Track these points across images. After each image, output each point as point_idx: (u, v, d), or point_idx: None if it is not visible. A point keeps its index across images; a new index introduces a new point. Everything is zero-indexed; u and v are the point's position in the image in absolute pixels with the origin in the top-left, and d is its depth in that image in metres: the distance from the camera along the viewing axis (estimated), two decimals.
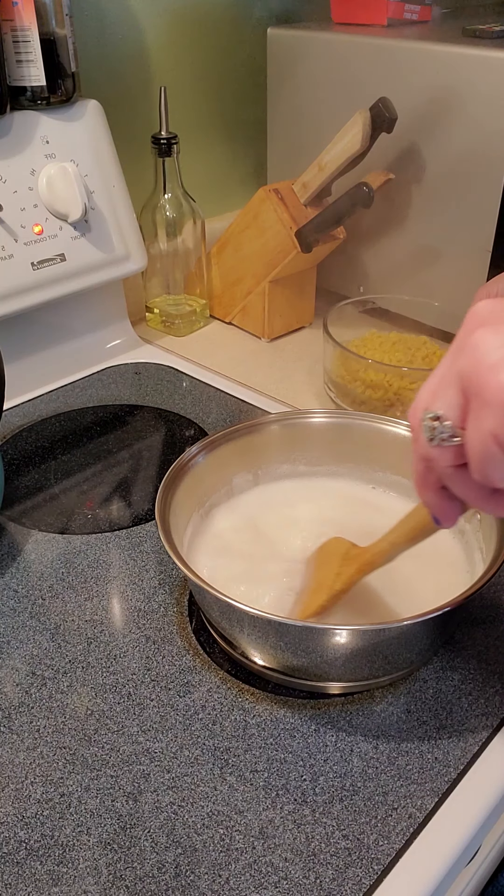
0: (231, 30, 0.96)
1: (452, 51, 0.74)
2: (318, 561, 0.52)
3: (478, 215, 0.77)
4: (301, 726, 0.47)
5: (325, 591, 0.48)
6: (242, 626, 0.47)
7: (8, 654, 0.52)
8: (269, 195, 0.83)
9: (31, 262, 0.75)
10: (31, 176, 0.75)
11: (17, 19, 0.69)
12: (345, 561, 0.49)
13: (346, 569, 0.48)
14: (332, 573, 0.49)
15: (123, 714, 0.48)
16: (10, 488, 0.68)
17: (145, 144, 0.86)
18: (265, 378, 0.85)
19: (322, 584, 0.49)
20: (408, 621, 0.43)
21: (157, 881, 0.39)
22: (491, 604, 0.55)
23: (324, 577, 0.49)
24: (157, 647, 0.52)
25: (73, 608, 0.55)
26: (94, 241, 0.80)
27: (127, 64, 0.88)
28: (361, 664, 0.46)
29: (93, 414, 0.79)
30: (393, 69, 0.79)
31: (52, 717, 0.48)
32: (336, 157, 0.78)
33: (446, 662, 0.51)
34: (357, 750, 0.46)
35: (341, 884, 0.39)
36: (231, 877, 0.40)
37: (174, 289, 0.94)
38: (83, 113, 0.78)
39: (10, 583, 0.58)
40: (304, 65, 0.87)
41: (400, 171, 0.82)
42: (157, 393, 0.83)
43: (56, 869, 0.40)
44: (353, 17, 0.87)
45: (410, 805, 0.43)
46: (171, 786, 0.44)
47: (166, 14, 0.89)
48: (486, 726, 0.47)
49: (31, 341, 0.83)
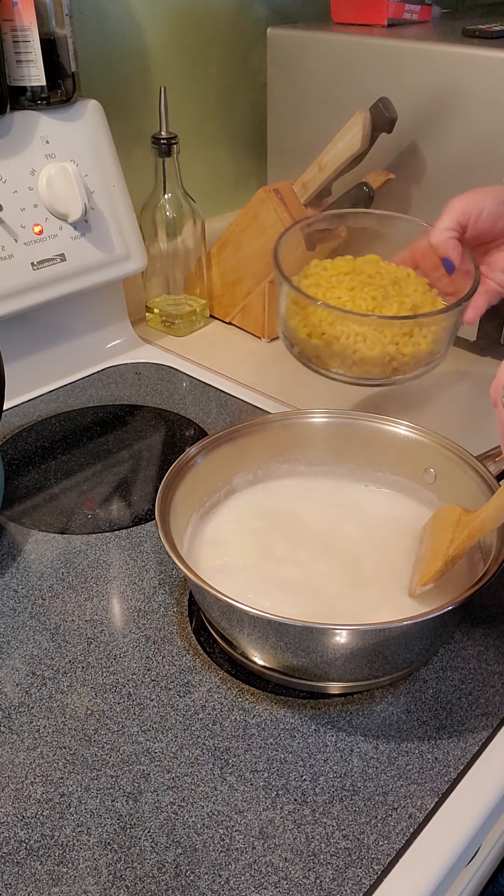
0: (231, 30, 0.96)
1: (452, 51, 0.74)
2: (432, 529, 0.53)
3: None
4: (301, 726, 0.47)
5: (441, 557, 0.49)
6: (242, 626, 0.47)
7: (8, 654, 0.52)
8: (270, 195, 0.83)
9: (31, 262, 0.75)
10: (31, 176, 0.75)
11: (17, 19, 0.69)
12: (457, 527, 0.50)
13: (459, 534, 0.49)
14: (447, 539, 0.50)
15: (123, 714, 0.48)
16: (10, 488, 0.68)
17: (145, 144, 0.86)
18: (265, 378, 0.85)
19: (438, 551, 0.50)
20: (408, 621, 0.43)
21: (157, 881, 0.39)
22: (491, 604, 0.55)
23: (439, 545, 0.50)
24: (157, 647, 0.52)
25: (73, 608, 0.55)
26: (94, 241, 0.80)
27: (127, 64, 0.88)
28: (361, 664, 0.46)
29: (93, 414, 0.79)
30: (393, 69, 0.79)
31: (52, 717, 0.48)
32: (336, 157, 0.78)
33: (446, 662, 0.51)
34: (357, 750, 0.46)
35: (341, 884, 0.39)
36: (231, 877, 0.40)
37: (174, 289, 0.94)
38: (83, 113, 0.78)
39: (10, 583, 0.58)
40: (304, 65, 0.87)
41: (400, 171, 0.82)
42: (157, 393, 0.83)
43: (56, 869, 0.40)
44: (353, 17, 0.88)
45: (410, 805, 0.43)
46: (171, 786, 0.44)
47: (166, 14, 0.89)
48: (486, 726, 0.47)
49: (31, 341, 0.83)
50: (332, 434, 0.60)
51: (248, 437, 0.59)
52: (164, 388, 0.83)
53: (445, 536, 0.50)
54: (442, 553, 0.49)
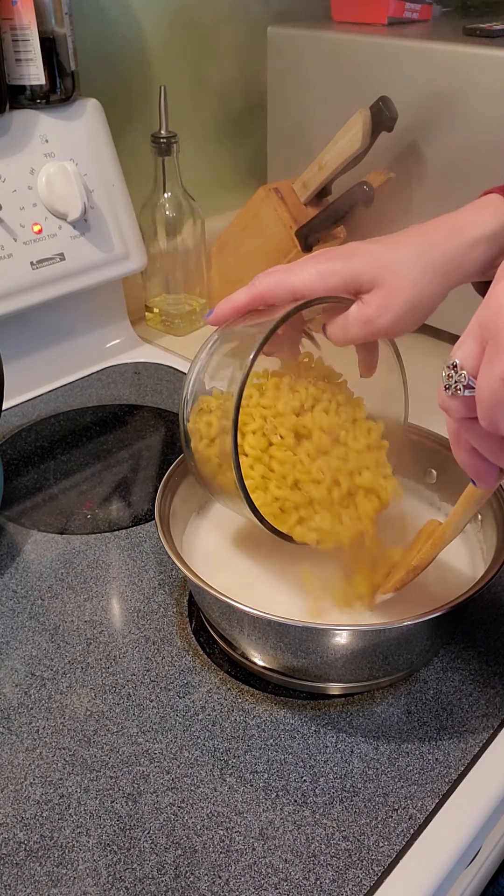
0: (231, 29, 0.96)
1: (453, 50, 0.74)
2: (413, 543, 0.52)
3: None
4: (301, 727, 0.47)
5: (404, 566, 0.49)
6: (242, 627, 0.47)
7: (7, 654, 0.52)
8: (270, 194, 0.83)
9: (31, 261, 0.75)
10: (31, 175, 0.75)
11: (16, 18, 0.69)
12: (427, 538, 0.49)
13: (425, 545, 0.49)
14: (416, 551, 0.49)
15: (123, 715, 0.48)
16: (10, 488, 0.68)
17: (145, 144, 0.86)
18: None
19: (406, 561, 0.50)
20: (408, 622, 0.43)
21: (157, 882, 0.39)
22: (491, 604, 0.55)
23: (410, 556, 0.50)
24: (157, 648, 0.52)
25: (73, 608, 0.55)
26: (93, 240, 0.80)
27: (127, 63, 0.88)
28: (362, 665, 0.46)
29: (92, 414, 0.79)
30: (393, 68, 0.79)
31: (52, 718, 0.48)
32: (336, 156, 0.78)
33: (446, 663, 0.51)
34: (357, 751, 0.46)
35: (341, 885, 0.39)
36: (231, 878, 0.39)
37: (174, 288, 0.94)
38: (83, 112, 0.78)
39: (10, 583, 0.58)
40: (304, 64, 0.87)
41: (400, 170, 0.82)
42: (157, 393, 0.82)
43: (55, 870, 0.40)
44: (354, 16, 0.87)
45: (411, 806, 0.43)
46: (171, 787, 0.44)
47: (166, 14, 0.89)
48: (486, 727, 0.47)
49: (31, 341, 0.83)
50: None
51: None
52: (163, 388, 0.83)
53: (417, 548, 0.50)
54: (406, 562, 0.49)
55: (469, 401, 0.32)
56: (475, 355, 0.32)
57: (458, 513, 0.46)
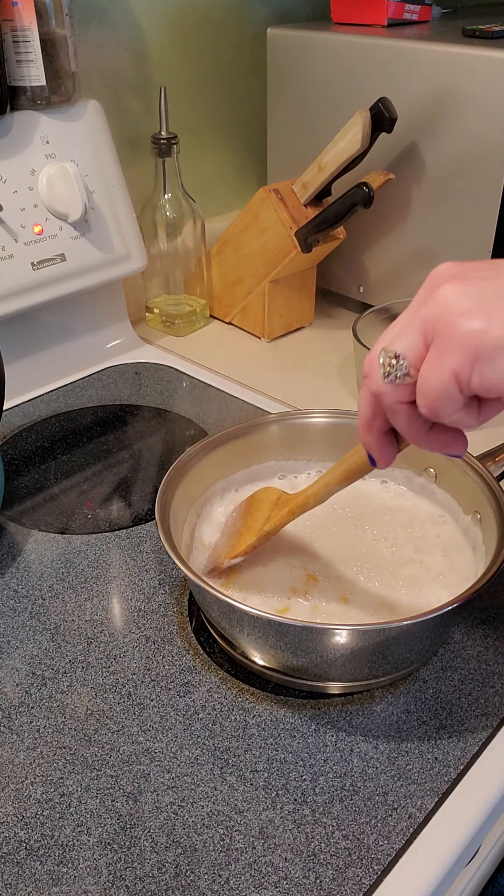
0: (231, 30, 0.96)
1: (452, 51, 0.74)
2: (246, 509, 0.54)
3: (478, 215, 0.77)
4: (301, 726, 0.47)
5: (255, 533, 0.51)
6: (242, 626, 0.47)
7: (8, 654, 0.52)
8: (269, 195, 0.83)
9: (31, 262, 0.75)
10: (31, 176, 0.75)
11: (17, 19, 0.69)
12: (276, 506, 0.52)
13: (277, 512, 0.51)
14: (262, 518, 0.51)
15: (123, 714, 0.48)
16: (10, 488, 0.68)
17: (145, 144, 0.86)
18: (265, 378, 0.85)
19: (251, 528, 0.51)
20: (408, 621, 0.43)
21: (157, 881, 0.39)
22: (491, 604, 0.55)
23: (253, 522, 0.51)
24: (157, 647, 0.52)
25: (73, 608, 0.55)
26: (94, 241, 0.80)
27: (127, 64, 0.88)
28: (361, 664, 0.46)
29: (93, 414, 0.79)
30: (393, 69, 0.79)
31: (52, 717, 0.48)
32: (336, 157, 0.78)
33: (446, 662, 0.51)
34: (357, 750, 0.46)
35: (341, 884, 0.39)
36: (231, 877, 0.40)
37: (174, 289, 0.94)
38: (83, 113, 0.78)
39: (10, 583, 0.58)
40: (304, 65, 0.87)
41: (400, 171, 0.82)
42: (157, 393, 0.83)
43: (56, 869, 0.40)
44: (353, 17, 0.88)
45: (410, 805, 0.43)
46: (171, 786, 0.44)
47: (166, 14, 0.89)
48: (485, 726, 0.47)
49: (31, 341, 0.83)
50: (331, 434, 0.60)
51: (248, 437, 0.59)
52: (164, 388, 0.83)
53: (261, 515, 0.51)
54: (256, 529, 0.51)
55: (407, 388, 0.35)
56: (418, 348, 0.34)
57: (331, 485, 0.47)
